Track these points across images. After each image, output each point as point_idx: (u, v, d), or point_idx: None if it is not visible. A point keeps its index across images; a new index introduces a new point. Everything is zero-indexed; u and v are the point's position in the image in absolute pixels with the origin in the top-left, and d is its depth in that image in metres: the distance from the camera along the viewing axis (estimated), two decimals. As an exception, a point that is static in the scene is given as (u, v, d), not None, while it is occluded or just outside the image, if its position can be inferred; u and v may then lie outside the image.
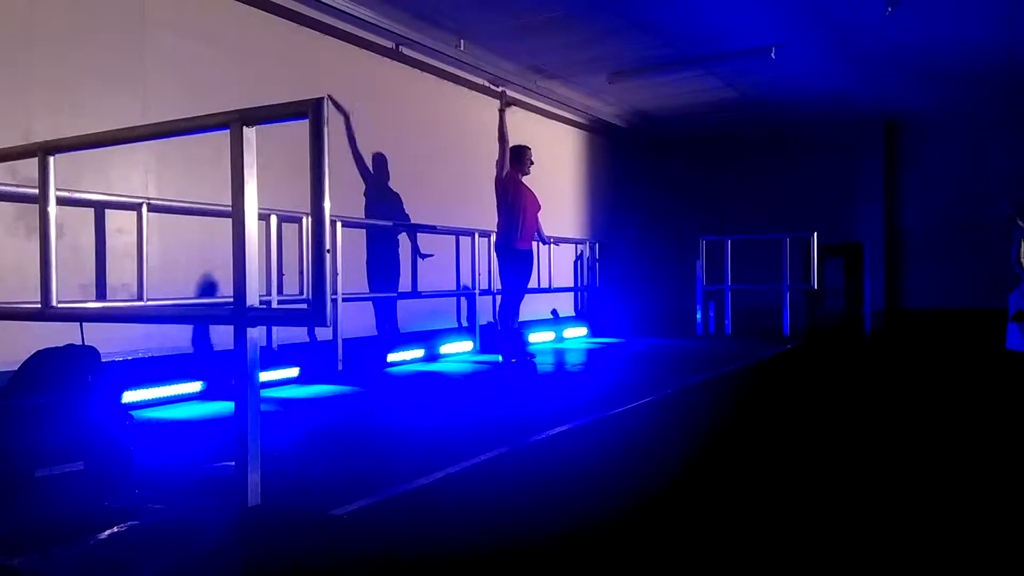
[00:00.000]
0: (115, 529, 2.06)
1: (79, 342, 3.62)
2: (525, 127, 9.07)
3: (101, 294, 4.68)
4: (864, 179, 10.62)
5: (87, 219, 4.64)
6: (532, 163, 6.69)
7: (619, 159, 11.23)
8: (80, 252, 4.59)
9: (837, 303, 10.81)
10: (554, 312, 9.36)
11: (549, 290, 9.18)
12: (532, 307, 8.87)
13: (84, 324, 3.31)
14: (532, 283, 8.27)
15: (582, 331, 9.21)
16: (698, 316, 9.20)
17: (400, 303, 7.11)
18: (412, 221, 7.13)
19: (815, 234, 8.60)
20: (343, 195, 6.43)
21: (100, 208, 4.67)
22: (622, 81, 8.70)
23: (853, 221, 10.61)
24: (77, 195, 4.40)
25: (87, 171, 4.55)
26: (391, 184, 7.01)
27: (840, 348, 8.30)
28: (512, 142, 6.63)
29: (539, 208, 6.74)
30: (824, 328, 10.22)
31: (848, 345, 8.67)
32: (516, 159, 6.56)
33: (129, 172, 4.85)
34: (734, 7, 6.64)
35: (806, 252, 8.94)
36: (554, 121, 9.73)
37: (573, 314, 9.87)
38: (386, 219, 6.87)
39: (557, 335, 8.82)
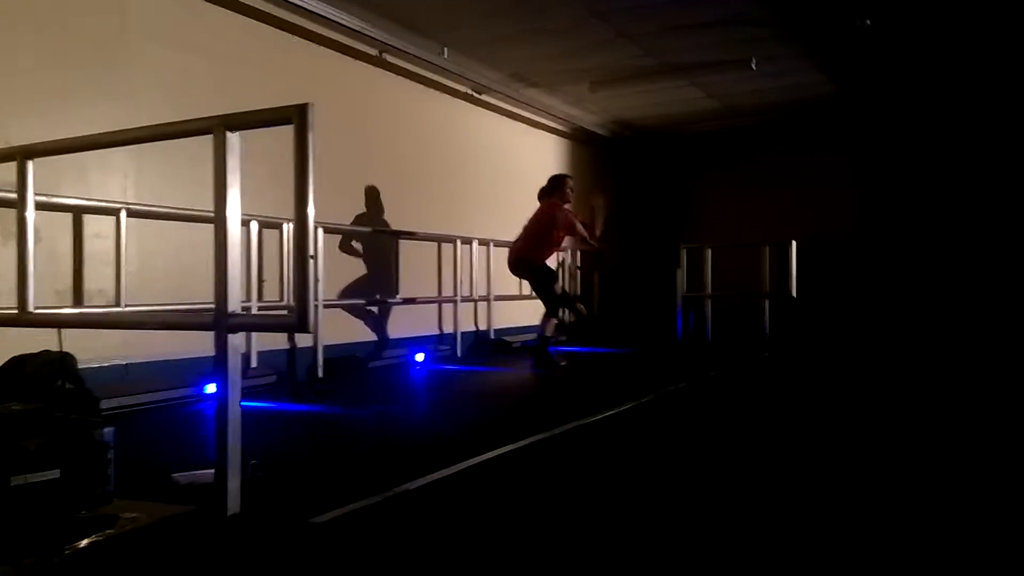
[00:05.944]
0: (92, 538, 2.04)
1: (56, 348, 3.59)
2: (507, 135, 9.11)
3: (78, 300, 4.63)
4: (843, 187, 10.73)
5: (65, 224, 4.59)
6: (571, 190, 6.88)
7: (601, 167, 11.28)
8: (57, 257, 4.54)
9: (816, 308, 10.90)
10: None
11: (530, 297, 9.18)
12: (510, 315, 8.88)
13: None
14: (513, 290, 8.28)
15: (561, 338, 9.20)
16: (678, 323, 9.24)
17: (381, 310, 7.09)
18: (395, 227, 7.11)
19: (793, 242, 8.68)
20: (324, 200, 6.40)
21: (78, 213, 4.63)
22: (604, 90, 8.78)
23: (833, 229, 10.71)
24: (55, 200, 4.36)
25: (65, 176, 4.50)
26: (373, 190, 7.00)
27: (816, 354, 8.37)
28: (496, 149, 6.65)
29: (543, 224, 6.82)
30: (802, 334, 10.31)
31: (823, 351, 8.75)
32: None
33: (108, 177, 4.81)
34: (715, 20, 6.72)
35: (785, 260, 9.01)
36: (536, 129, 9.77)
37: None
38: (367, 225, 6.86)
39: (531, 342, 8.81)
